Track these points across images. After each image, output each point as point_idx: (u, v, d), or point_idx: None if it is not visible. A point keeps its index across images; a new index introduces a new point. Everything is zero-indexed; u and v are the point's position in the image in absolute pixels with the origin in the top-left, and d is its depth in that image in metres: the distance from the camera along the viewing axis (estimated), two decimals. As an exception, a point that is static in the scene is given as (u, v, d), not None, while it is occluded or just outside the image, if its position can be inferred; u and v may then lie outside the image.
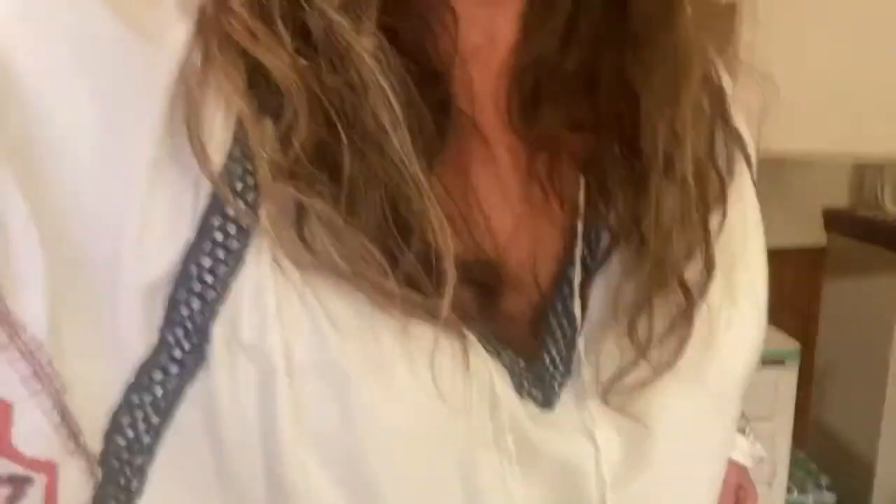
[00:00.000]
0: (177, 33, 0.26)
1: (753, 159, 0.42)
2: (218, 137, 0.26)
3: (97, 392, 0.27)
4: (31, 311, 0.25)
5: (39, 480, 0.26)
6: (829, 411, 1.88)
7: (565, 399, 0.33)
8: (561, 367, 0.34)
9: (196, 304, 0.26)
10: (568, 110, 0.35)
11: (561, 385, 0.33)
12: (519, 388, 0.32)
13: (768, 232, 0.41)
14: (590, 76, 0.35)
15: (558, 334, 0.34)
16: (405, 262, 0.27)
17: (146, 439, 0.27)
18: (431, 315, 0.27)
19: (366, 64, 0.26)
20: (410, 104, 0.27)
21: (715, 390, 0.36)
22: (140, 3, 0.26)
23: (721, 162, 0.37)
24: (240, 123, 0.26)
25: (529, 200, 0.35)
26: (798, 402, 1.57)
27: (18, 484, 0.25)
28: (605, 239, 0.34)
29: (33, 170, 0.25)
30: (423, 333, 0.28)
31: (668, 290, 0.34)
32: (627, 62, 0.33)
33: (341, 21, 0.26)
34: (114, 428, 0.27)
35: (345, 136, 0.26)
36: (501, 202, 0.34)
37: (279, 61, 0.26)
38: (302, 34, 0.26)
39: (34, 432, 0.25)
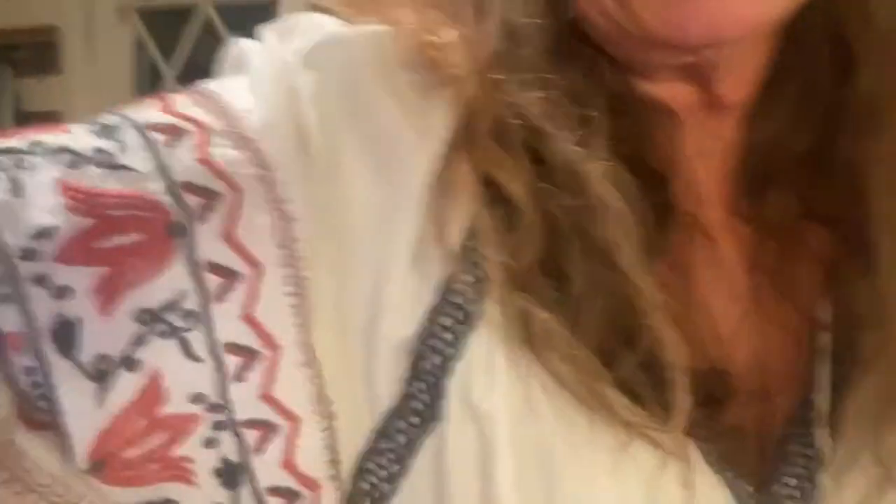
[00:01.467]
0: (437, 138, 0.29)
1: None
2: (450, 249, 0.29)
3: (352, 434, 0.29)
4: (322, 339, 0.28)
5: (306, 498, 0.28)
6: None
7: None
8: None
9: (436, 359, 0.28)
10: (799, 196, 0.33)
11: None
12: None
13: None
14: (823, 160, 0.33)
15: (799, 463, 0.31)
16: (628, 375, 0.28)
17: (385, 487, 0.28)
18: (655, 437, 0.27)
19: (598, 188, 0.28)
20: (633, 212, 0.28)
21: None
22: (416, 109, 0.30)
23: None
24: (473, 232, 0.29)
25: (757, 299, 0.33)
26: None
27: (290, 498, 0.28)
28: (855, 356, 0.31)
29: (336, 239, 0.29)
30: (642, 455, 0.27)
31: None
32: (857, 146, 0.32)
33: (576, 152, 0.28)
34: (360, 471, 0.29)
35: (576, 251, 0.28)
36: (727, 303, 0.33)
37: (518, 185, 0.28)
38: (538, 159, 0.29)
39: (310, 450, 0.28)
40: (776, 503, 0.30)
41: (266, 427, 0.27)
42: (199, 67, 1.66)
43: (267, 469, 0.27)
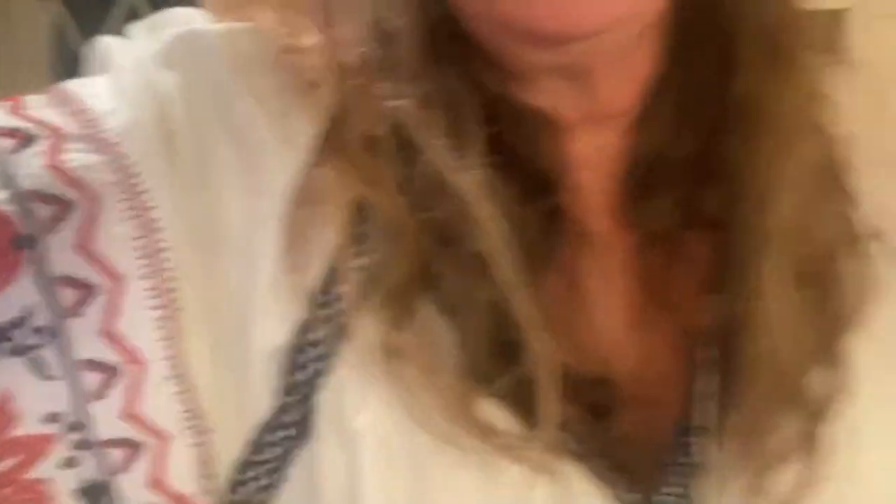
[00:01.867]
0: (300, 146, 0.29)
1: None
2: (317, 261, 0.28)
3: (226, 445, 0.28)
4: (194, 351, 0.27)
5: None
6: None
7: None
8: None
9: (304, 374, 0.28)
10: (684, 204, 0.33)
11: None
12: None
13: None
14: (706, 167, 0.33)
15: (680, 473, 0.31)
16: (508, 390, 0.28)
17: (261, 497, 0.28)
18: (523, 454, 0.27)
19: (471, 200, 0.27)
20: (517, 221, 0.28)
21: None
22: (278, 113, 0.29)
23: (856, 267, 0.33)
24: (341, 247, 0.28)
25: (642, 309, 0.33)
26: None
27: None
28: (736, 366, 0.31)
29: (206, 246, 0.28)
30: (512, 473, 0.27)
31: (787, 405, 0.30)
32: (737, 152, 0.32)
33: (446, 160, 0.28)
34: (235, 482, 0.28)
35: (452, 264, 0.28)
36: (613, 313, 0.33)
37: (387, 199, 0.28)
38: (410, 166, 0.28)
39: (182, 467, 0.27)
40: None
41: (131, 446, 0.26)
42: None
43: (134, 489, 0.26)
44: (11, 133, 0.27)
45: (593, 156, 0.32)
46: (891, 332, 0.32)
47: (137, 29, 0.32)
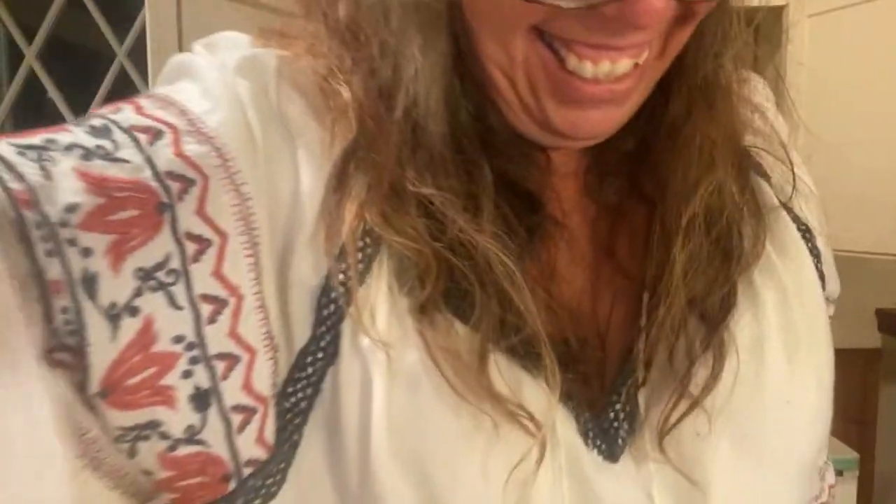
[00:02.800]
0: (333, 156, 0.36)
1: (825, 254, 0.47)
2: (340, 231, 0.35)
3: (280, 364, 0.35)
4: (268, 289, 0.34)
5: (259, 412, 0.34)
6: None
7: (626, 455, 0.38)
8: (625, 424, 0.38)
9: (332, 307, 0.35)
10: (627, 182, 0.43)
11: (625, 441, 0.38)
12: (584, 437, 0.37)
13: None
14: (644, 157, 0.42)
15: (624, 393, 0.39)
16: (513, 350, 0.35)
17: (303, 405, 0.35)
18: (526, 427, 0.34)
19: (488, 249, 0.35)
20: (513, 234, 0.36)
21: (776, 465, 0.39)
22: (317, 124, 0.37)
23: (755, 228, 0.43)
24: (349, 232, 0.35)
25: (596, 268, 0.41)
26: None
27: (249, 413, 0.34)
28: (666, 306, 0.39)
29: (272, 211, 0.35)
30: (513, 440, 0.34)
31: (694, 320, 0.39)
32: (665, 150, 0.41)
33: (463, 223, 0.35)
34: (282, 395, 0.35)
35: (472, 283, 0.35)
36: (578, 276, 0.41)
37: (414, 244, 0.35)
38: (429, 219, 0.35)
39: (262, 375, 0.34)
40: (609, 424, 0.39)
41: (231, 358, 0.33)
42: (62, 46, 1.59)
43: (231, 391, 0.33)
44: (146, 129, 0.34)
45: (565, 159, 0.43)
46: (788, 278, 0.43)
47: (199, 46, 0.40)
